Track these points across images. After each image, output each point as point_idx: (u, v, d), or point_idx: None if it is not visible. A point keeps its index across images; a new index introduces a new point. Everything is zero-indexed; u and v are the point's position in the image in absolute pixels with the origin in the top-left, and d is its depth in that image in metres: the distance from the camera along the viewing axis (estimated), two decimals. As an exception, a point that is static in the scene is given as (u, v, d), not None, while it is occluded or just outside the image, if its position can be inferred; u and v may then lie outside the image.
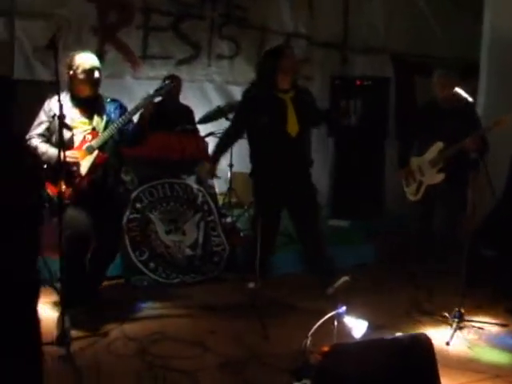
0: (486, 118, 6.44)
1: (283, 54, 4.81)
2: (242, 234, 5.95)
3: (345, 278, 4.86)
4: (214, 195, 5.66)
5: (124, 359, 3.77)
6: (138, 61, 7.17)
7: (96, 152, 4.29)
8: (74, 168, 4.24)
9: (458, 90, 4.64)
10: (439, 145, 5.22)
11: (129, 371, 3.60)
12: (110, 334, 4.11)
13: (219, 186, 6.86)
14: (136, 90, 7.21)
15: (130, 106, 6.80)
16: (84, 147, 4.28)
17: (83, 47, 6.71)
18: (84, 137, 4.31)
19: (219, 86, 7.59)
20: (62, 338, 3.71)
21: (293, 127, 4.80)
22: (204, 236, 5.47)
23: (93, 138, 4.29)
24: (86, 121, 4.35)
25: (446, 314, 4.46)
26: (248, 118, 4.88)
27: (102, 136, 4.30)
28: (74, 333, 4.00)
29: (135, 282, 5.20)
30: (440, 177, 5.24)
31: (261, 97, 4.83)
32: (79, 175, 4.26)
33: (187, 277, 5.34)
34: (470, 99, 4.59)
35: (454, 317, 4.35)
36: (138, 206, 5.30)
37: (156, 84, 6.75)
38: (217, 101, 7.28)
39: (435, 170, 5.26)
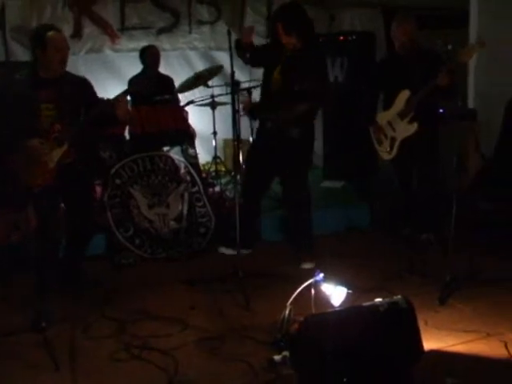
0: (479, 68, 6.27)
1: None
2: (227, 203, 5.78)
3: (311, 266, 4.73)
4: (196, 165, 5.48)
5: (101, 341, 3.67)
6: (117, 33, 6.99)
7: (66, 146, 4.05)
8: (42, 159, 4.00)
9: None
10: (405, 93, 4.93)
11: (105, 353, 3.50)
12: (89, 317, 3.99)
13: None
14: (117, 63, 7.12)
15: (111, 81, 6.79)
16: (53, 138, 4.02)
17: (59, 23, 6.65)
18: (53, 126, 4.02)
19: (203, 52, 7.41)
20: (38, 324, 3.61)
21: (275, 83, 4.63)
22: (188, 208, 5.32)
23: (62, 129, 4.02)
24: (51, 106, 4.03)
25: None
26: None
27: (71, 129, 4.05)
28: (52, 318, 3.90)
29: (120, 260, 5.08)
30: (413, 127, 4.94)
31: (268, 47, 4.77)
32: (46, 169, 4.02)
33: (173, 251, 5.21)
34: (449, 47, 4.32)
35: (447, 276, 4.14)
36: (118, 181, 5.15)
37: (137, 56, 6.68)
38: (202, 68, 7.09)
39: (406, 121, 4.97)
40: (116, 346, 3.59)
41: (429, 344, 3.31)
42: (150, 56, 6.55)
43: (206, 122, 6.66)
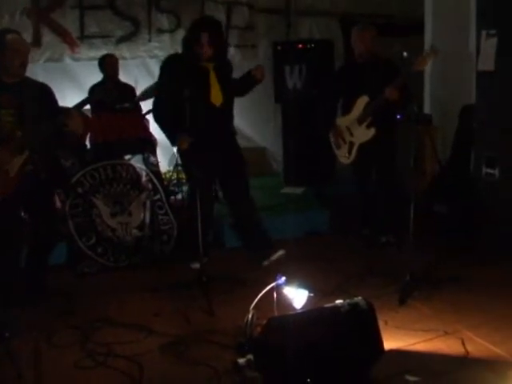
0: (434, 75, 6.44)
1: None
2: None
3: (281, 252, 4.93)
4: (158, 173, 5.50)
5: (65, 349, 3.66)
6: (76, 42, 6.96)
7: (26, 153, 4.03)
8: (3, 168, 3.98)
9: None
10: (364, 99, 5.05)
11: (69, 361, 3.50)
12: (53, 325, 3.98)
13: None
14: (77, 71, 7.08)
15: (71, 90, 6.76)
16: (14, 146, 3.99)
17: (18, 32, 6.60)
18: (14, 132, 3.98)
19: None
20: (1, 334, 3.58)
21: (216, 97, 4.68)
22: (151, 215, 5.35)
23: (23, 135, 3.99)
24: (11, 111, 4.00)
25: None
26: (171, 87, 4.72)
27: (33, 136, 4.02)
28: (15, 328, 3.85)
29: (83, 269, 5.07)
30: (371, 132, 5.06)
31: (183, 66, 4.70)
32: (7, 178, 4.00)
33: (136, 258, 5.23)
34: (405, 54, 4.41)
35: (406, 276, 4.24)
36: (80, 190, 5.14)
37: (97, 64, 6.66)
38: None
39: (364, 126, 5.09)
40: (80, 353, 3.60)
41: (389, 343, 3.38)
42: (108, 65, 6.53)
43: (166, 131, 6.68)
